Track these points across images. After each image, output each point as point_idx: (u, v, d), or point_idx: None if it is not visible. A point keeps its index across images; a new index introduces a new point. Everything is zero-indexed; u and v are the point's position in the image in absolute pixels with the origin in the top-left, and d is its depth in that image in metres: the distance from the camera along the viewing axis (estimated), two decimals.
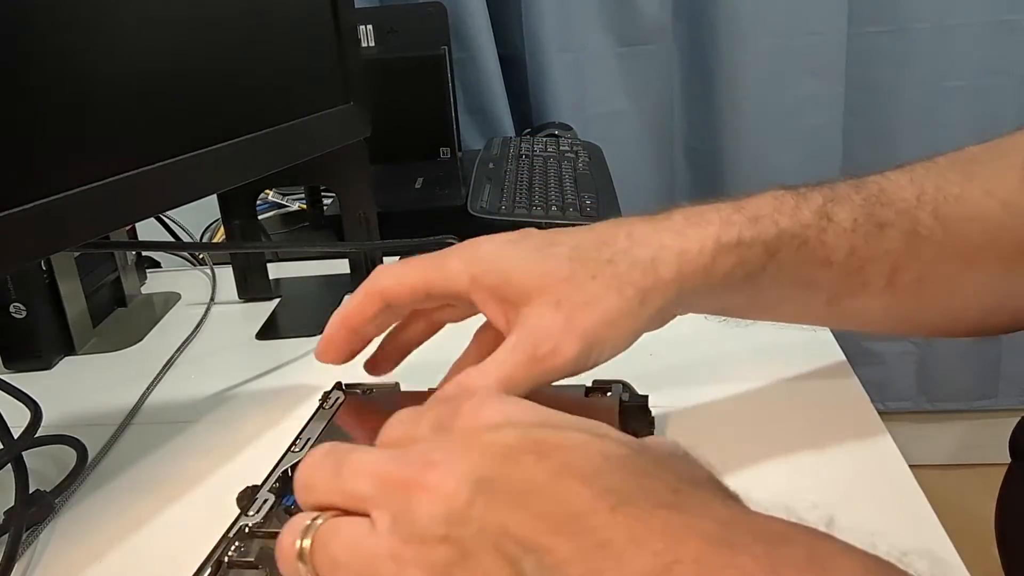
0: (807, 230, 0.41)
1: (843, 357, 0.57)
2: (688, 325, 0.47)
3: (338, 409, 0.49)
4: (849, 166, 1.47)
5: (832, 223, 0.42)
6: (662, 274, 0.40)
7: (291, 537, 0.27)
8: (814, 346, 0.59)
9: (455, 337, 0.47)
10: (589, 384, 0.48)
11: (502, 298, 0.40)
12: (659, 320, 0.42)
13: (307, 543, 0.27)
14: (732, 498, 0.27)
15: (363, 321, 0.44)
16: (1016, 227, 0.42)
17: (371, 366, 0.48)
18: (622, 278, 0.39)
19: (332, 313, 0.44)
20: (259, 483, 0.43)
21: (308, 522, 0.27)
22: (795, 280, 0.42)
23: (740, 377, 0.56)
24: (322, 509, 0.28)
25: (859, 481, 0.44)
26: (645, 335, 0.41)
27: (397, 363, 0.48)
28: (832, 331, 0.60)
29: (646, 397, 0.47)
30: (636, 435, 0.45)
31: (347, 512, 0.27)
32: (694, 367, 0.57)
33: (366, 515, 0.27)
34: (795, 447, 0.48)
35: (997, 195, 0.42)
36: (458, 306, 0.45)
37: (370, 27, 1.22)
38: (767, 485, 0.45)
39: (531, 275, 0.40)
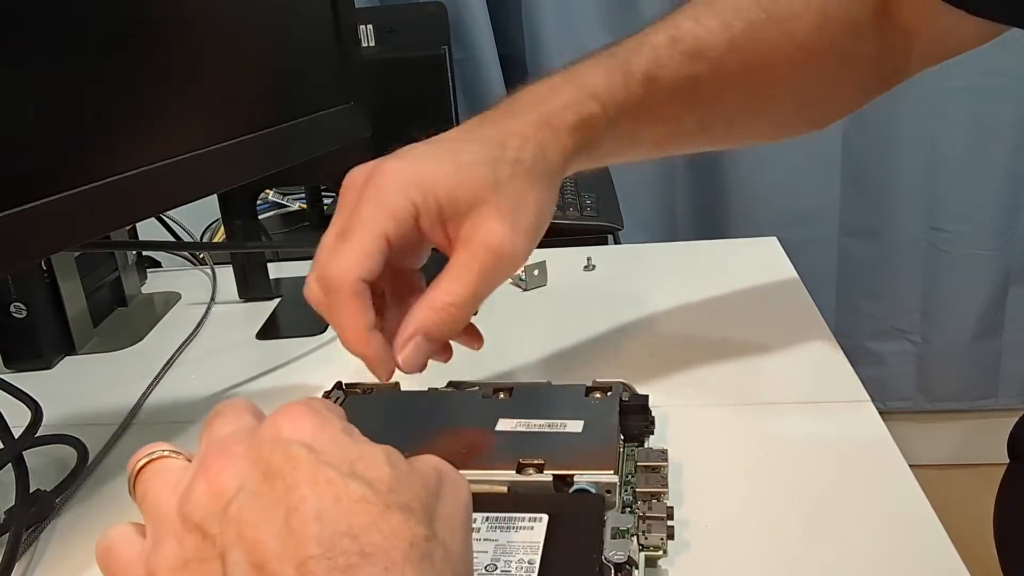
0: (639, 100, 0.49)
1: (843, 357, 0.57)
2: (688, 326, 0.47)
3: None
4: (849, 166, 1.47)
5: (656, 84, 0.50)
6: (554, 161, 0.45)
7: (139, 455, 0.29)
8: (815, 346, 0.59)
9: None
10: (589, 384, 0.48)
11: (443, 219, 0.41)
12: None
13: (138, 466, 0.29)
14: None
15: (371, 319, 0.40)
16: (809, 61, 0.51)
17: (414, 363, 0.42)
18: (533, 172, 0.44)
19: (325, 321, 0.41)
20: None
21: (157, 450, 0.29)
22: (631, 137, 0.51)
23: (740, 378, 0.56)
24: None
25: (859, 481, 0.44)
26: (647, 337, 0.41)
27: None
28: (832, 331, 0.60)
29: (646, 397, 0.47)
30: (636, 435, 0.46)
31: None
32: (694, 367, 0.57)
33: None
34: (795, 447, 0.48)
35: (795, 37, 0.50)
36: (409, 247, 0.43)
37: (370, 27, 1.22)
38: (766, 486, 0.45)
39: (466, 191, 0.41)
